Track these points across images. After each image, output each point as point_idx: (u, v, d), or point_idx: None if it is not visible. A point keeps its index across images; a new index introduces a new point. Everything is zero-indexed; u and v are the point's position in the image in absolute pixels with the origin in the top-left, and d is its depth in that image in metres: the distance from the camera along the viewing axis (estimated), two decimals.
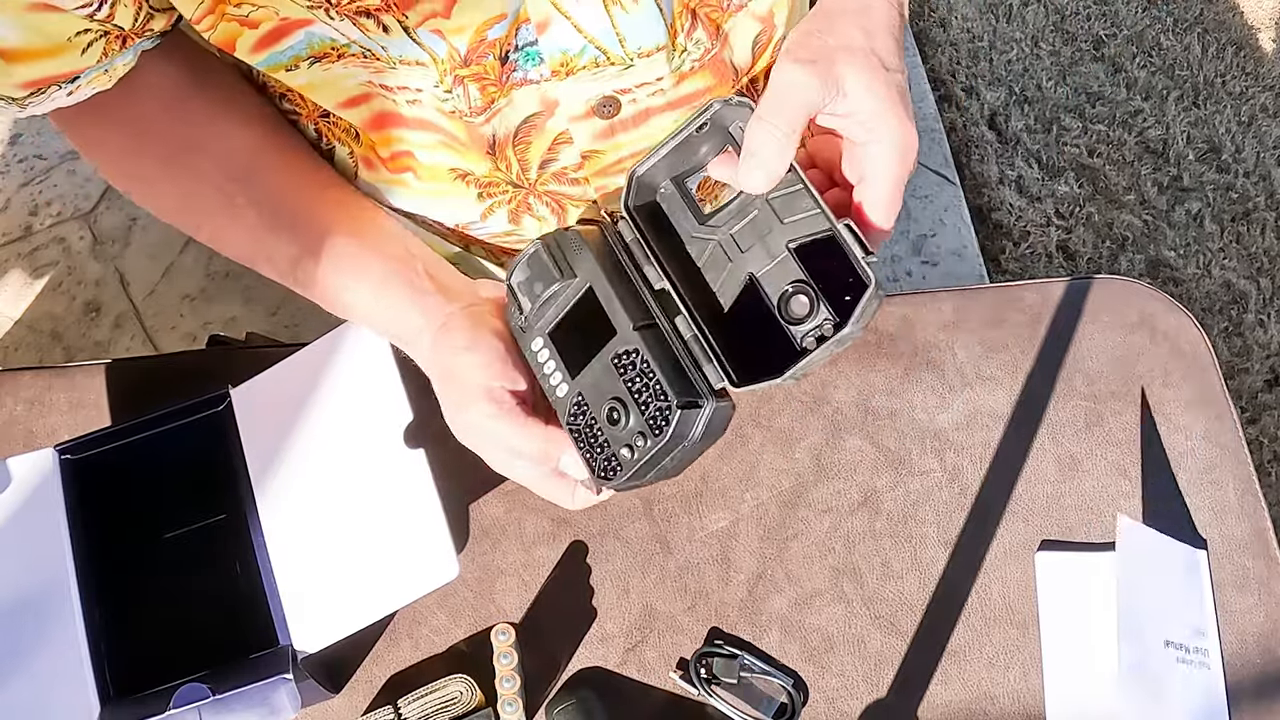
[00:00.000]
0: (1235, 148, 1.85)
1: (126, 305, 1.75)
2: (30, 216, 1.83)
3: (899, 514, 0.72)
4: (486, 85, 0.58)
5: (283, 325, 1.71)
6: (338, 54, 0.56)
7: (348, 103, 0.61)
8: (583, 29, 0.56)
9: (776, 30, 0.66)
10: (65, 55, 0.53)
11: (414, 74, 0.57)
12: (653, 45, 0.59)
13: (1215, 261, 1.75)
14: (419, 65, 0.56)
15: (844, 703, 0.67)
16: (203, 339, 1.70)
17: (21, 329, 1.73)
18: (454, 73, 0.56)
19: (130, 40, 0.55)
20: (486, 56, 0.56)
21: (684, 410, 0.53)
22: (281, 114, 0.66)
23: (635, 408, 0.54)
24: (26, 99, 0.54)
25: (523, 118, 0.61)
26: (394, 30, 0.54)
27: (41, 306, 1.75)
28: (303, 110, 0.65)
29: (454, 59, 0.56)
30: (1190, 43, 1.96)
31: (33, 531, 0.64)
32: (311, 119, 0.65)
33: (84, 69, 0.54)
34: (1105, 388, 0.75)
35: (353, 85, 0.59)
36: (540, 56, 0.57)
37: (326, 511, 0.63)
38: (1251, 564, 0.70)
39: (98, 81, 0.56)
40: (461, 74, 0.57)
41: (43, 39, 0.52)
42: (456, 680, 0.65)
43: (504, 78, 0.57)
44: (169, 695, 0.58)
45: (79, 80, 0.55)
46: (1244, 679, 0.67)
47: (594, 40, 0.57)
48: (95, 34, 0.53)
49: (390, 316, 0.63)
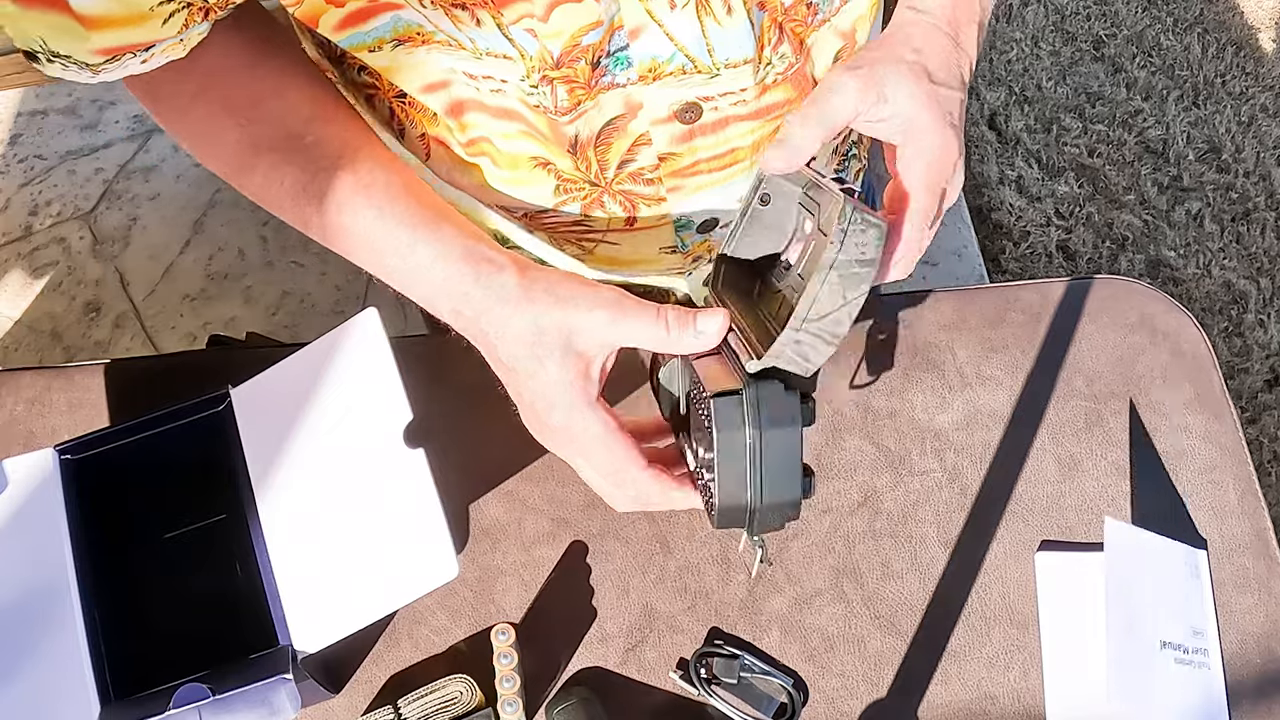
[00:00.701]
0: (1235, 148, 1.85)
1: (126, 305, 1.75)
2: (30, 216, 1.83)
3: (899, 514, 0.72)
4: (575, 88, 0.58)
5: (283, 325, 1.71)
6: (423, 39, 0.56)
7: (427, 88, 0.61)
8: (674, 37, 0.57)
9: (857, 45, 0.67)
10: (145, 25, 0.53)
11: (501, 66, 0.57)
12: (740, 58, 0.59)
13: (1215, 261, 1.75)
14: (506, 59, 0.56)
15: (844, 703, 0.67)
16: (203, 339, 1.70)
17: (21, 329, 1.73)
18: (543, 73, 0.57)
19: (212, 13, 0.55)
20: (579, 61, 0.57)
21: (717, 398, 0.50)
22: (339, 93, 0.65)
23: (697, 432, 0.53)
24: (101, 65, 0.54)
25: (606, 120, 0.61)
26: (486, 24, 0.54)
27: (41, 306, 1.75)
28: (380, 86, 0.65)
29: (546, 60, 0.56)
30: (1190, 43, 1.96)
31: (33, 531, 0.64)
32: (387, 96, 0.65)
33: (162, 39, 0.54)
34: (1105, 388, 0.75)
35: (435, 70, 0.59)
36: (630, 61, 0.58)
37: (326, 511, 0.63)
38: (1251, 564, 0.70)
39: (172, 51, 0.56)
40: (551, 75, 0.57)
41: (124, 8, 0.52)
42: (456, 680, 0.65)
43: (593, 82, 0.58)
44: (169, 695, 0.58)
45: (154, 49, 0.55)
46: (1244, 679, 0.67)
47: (683, 49, 0.58)
48: (178, 5, 0.53)
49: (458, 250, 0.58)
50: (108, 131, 1.90)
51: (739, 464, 0.51)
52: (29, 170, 1.87)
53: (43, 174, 1.87)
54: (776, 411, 0.51)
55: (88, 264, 1.78)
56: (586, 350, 0.56)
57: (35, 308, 1.74)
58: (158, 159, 1.87)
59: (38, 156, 1.89)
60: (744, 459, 0.51)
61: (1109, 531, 0.69)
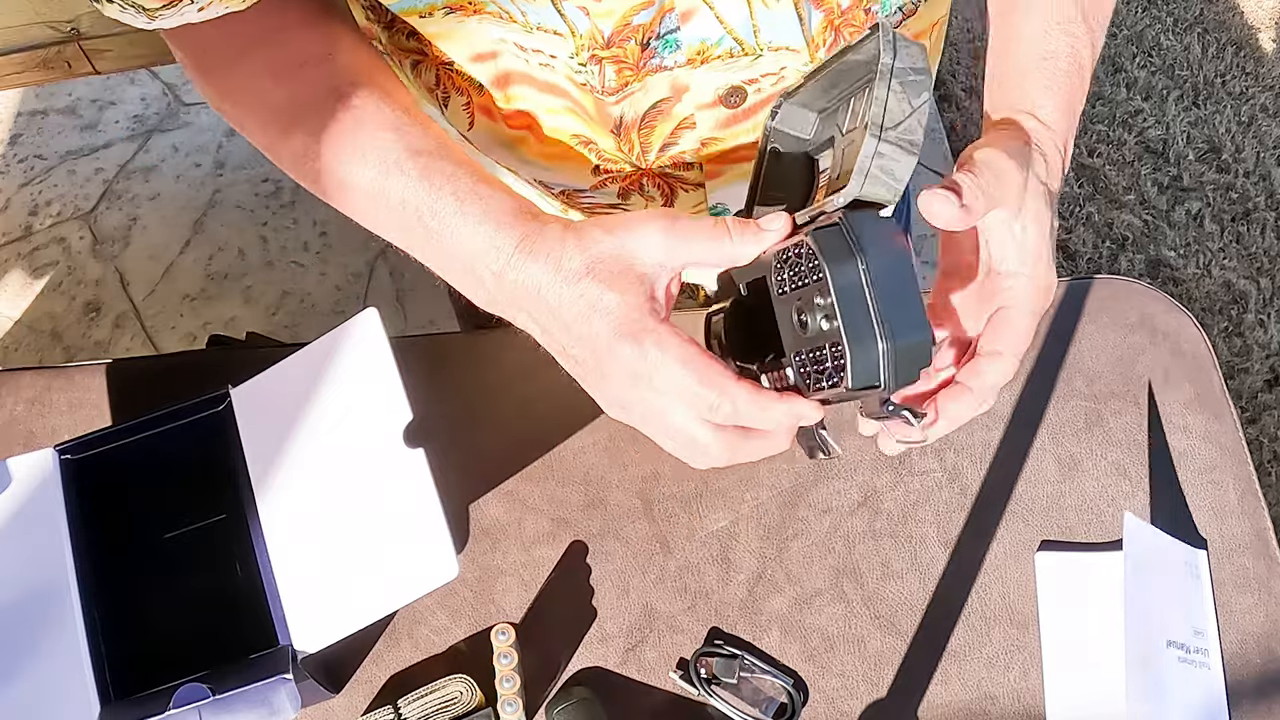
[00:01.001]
0: (1235, 148, 1.85)
1: (126, 305, 1.75)
2: (30, 216, 1.83)
3: (899, 514, 0.72)
4: (623, 68, 0.58)
5: (283, 325, 1.71)
6: (475, 8, 0.56)
7: (476, 57, 0.61)
8: (724, 20, 0.57)
9: None
10: None
11: (550, 41, 0.57)
12: (783, 43, 0.60)
13: (1215, 261, 1.75)
14: (557, 35, 0.57)
15: (844, 703, 0.67)
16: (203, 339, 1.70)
17: (21, 329, 1.73)
18: (593, 51, 0.57)
19: None
20: (629, 41, 0.57)
21: (818, 231, 0.47)
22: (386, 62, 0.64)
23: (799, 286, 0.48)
24: (159, 10, 0.53)
25: (652, 103, 0.61)
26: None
27: (41, 306, 1.75)
28: (428, 53, 0.64)
29: (596, 39, 0.56)
30: (1190, 43, 1.96)
31: (33, 531, 0.64)
32: (434, 64, 0.65)
33: None
34: (1105, 388, 0.75)
35: (484, 41, 0.59)
36: (679, 44, 0.58)
37: (326, 511, 0.63)
38: (1251, 564, 0.70)
39: (232, 1, 0.55)
40: (601, 55, 0.57)
41: None
42: (456, 680, 0.65)
43: (641, 64, 0.58)
44: (169, 695, 0.58)
45: None
46: (1244, 679, 0.67)
47: (732, 31, 0.58)
48: None
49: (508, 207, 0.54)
50: (108, 131, 1.90)
51: (859, 301, 0.46)
52: (29, 170, 1.87)
53: (43, 174, 1.87)
54: (882, 234, 0.47)
55: (88, 264, 1.78)
56: (646, 272, 0.51)
57: (35, 308, 1.75)
58: (158, 159, 1.87)
59: (38, 156, 1.89)
60: (863, 293, 0.46)
61: (1128, 528, 0.68)
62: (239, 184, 1.84)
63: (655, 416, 0.52)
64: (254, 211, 1.81)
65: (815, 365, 0.49)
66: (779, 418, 0.51)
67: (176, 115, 1.91)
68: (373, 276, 1.75)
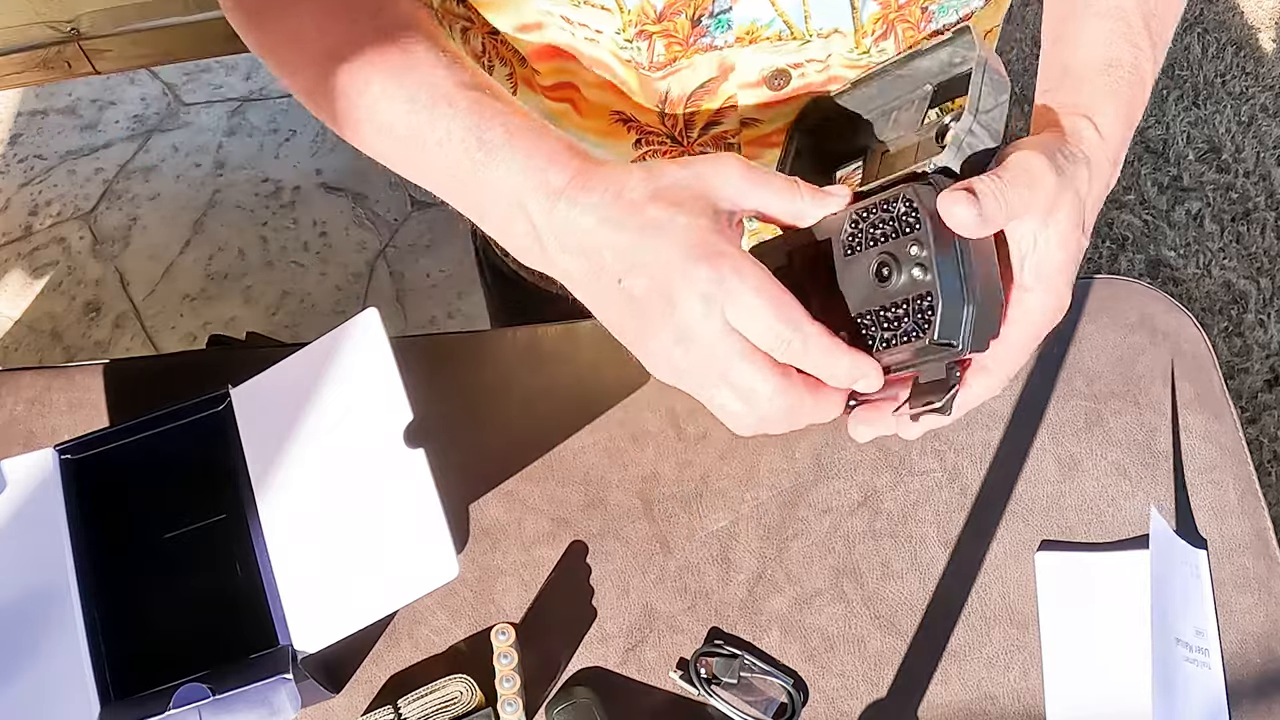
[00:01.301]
0: (1235, 148, 1.85)
1: (126, 305, 1.75)
2: (30, 216, 1.83)
3: (899, 514, 0.72)
4: (673, 44, 0.58)
5: (283, 325, 1.71)
6: None
7: (523, 27, 0.61)
8: (776, 2, 0.58)
9: None
10: None
11: (598, 16, 0.57)
12: (832, 28, 0.60)
13: (1215, 261, 1.75)
14: (604, 11, 0.57)
15: (844, 703, 0.67)
16: (203, 339, 1.70)
17: (21, 329, 1.73)
18: (641, 26, 0.57)
19: None
20: (679, 15, 0.57)
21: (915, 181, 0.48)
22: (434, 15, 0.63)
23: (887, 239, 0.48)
24: None
25: (700, 81, 0.61)
26: None
27: (41, 306, 1.75)
28: (475, 20, 0.64)
29: (647, 14, 0.56)
30: (1190, 43, 1.96)
31: (33, 531, 0.64)
32: (481, 32, 0.65)
33: None
34: (1105, 388, 0.75)
35: (531, 11, 0.59)
36: (730, 24, 0.58)
37: (326, 511, 0.63)
38: (1251, 564, 0.70)
39: None
40: (651, 29, 0.57)
41: None
42: (456, 680, 0.65)
43: (691, 39, 0.58)
44: (169, 695, 0.58)
45: None
46: (1244, 679, 0.67)
47: (783, 14, 0.58)
48: None
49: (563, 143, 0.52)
50: (108, 131, 1.90)
51: (953, 256, 0.47)
52: (29, 170, 1.87)
53: (43, 174, 1.87)
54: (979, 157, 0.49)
55: (88, 264, 1.78)
56: (720, 201, 0.48)
57: (35, 308, 1.75)
58: (158, 159, 1.87)
59: (38, 156, 1.89)
60: (956, 250, 0.47)
61: (1155, 524, 0.68)
62: (239, 184, 1.84)
63: (716, 362, 0.48)
64: (254, 211, 1.81)
65: (887, 324, 0.49)
66: (845, 369, 0.48)
67: (176, 115, 1.91)
68: (373, 276, 1.75)
